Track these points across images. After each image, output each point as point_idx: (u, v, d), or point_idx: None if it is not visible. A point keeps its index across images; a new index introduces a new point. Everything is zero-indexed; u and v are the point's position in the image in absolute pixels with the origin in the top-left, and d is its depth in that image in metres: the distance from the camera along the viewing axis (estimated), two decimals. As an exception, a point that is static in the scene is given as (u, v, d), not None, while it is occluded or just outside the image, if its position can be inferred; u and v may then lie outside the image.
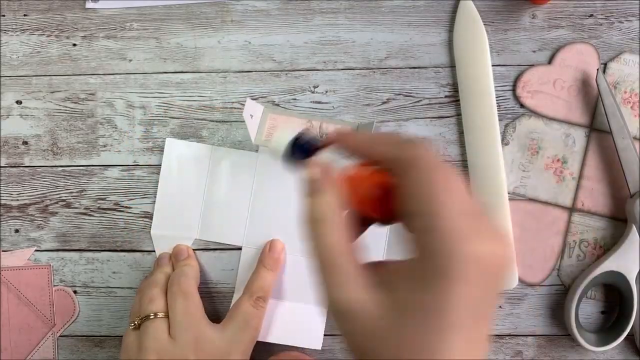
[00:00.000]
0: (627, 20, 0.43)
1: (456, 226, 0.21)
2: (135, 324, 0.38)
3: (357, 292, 0.22)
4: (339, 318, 0.22)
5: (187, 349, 0.36)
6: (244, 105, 0.44)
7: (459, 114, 0.43)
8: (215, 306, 0.43)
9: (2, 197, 0.44)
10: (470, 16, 0.43)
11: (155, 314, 0.37)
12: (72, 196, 0.44)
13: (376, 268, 0.23)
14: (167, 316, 0.37)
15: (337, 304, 0.22)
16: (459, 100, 0.43)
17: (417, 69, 0.43)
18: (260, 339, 0.41)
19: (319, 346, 0.41)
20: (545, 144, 0.43)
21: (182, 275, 0.39)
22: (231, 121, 0.44)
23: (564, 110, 0.43)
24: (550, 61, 0.43)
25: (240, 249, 0.43)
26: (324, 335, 0.42)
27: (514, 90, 0.43)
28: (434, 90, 0.43)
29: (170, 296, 0.38)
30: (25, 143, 0.44)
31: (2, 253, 0.44)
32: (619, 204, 0.42)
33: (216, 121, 0.44)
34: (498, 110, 0.42)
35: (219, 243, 0.43)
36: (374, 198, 0.24)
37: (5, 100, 0.44)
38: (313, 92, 0.44)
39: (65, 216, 0.44)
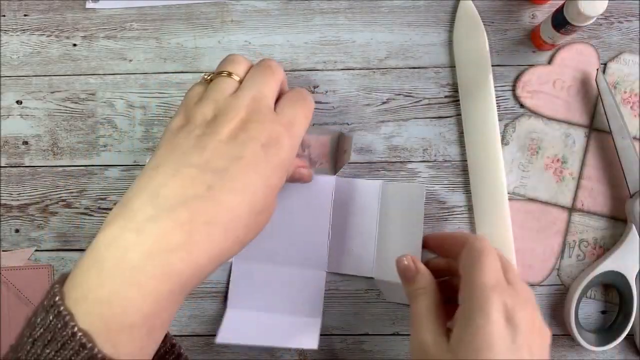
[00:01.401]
0: (626, 21, 0.43)
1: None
2: (205, 78, 0.33)
3: (435, 336, 0.31)
4: (420, 351, 0.31)
5: (242, 106, 0.31)
6: (244, 105, 0.44)
7: (459, 114, 0.43)
8: (207, 305, 0.43)
9: (2, 197, 0.44)
10: (470, 16, 0.43)
11: (230, 74, 0.32)
12: (72, 196, 0.44)
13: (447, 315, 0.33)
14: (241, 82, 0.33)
15: (422, 343, 0.31)
16: (459, 100, 0.43)
17: (417, 69, 0.43)
18: (255, 344, 0.40)
19: (315, 345, 0.41)
20: (545, 143, 0.43)
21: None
22: (231, 121, 0.44)
23: (564, 110, 0.43)
24: (550, 61, 0.43)
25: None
26: (324, 335, 0.43)
27: (513, 90, 0.43)
28: (434, 90, 0.43)
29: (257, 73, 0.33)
30: (25, 143, 0.44)
31: (2, 253, 0.44)
32: (618, 204, 0.42)
33: (216, 121, 0.44)
34: (498, 110, 0.43)
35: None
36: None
37: (5, 100, 0.45)
38: (313, 92, 0.44)
39: (66, 216, 0.44)
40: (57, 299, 0.24)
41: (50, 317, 0.24)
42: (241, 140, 0.29)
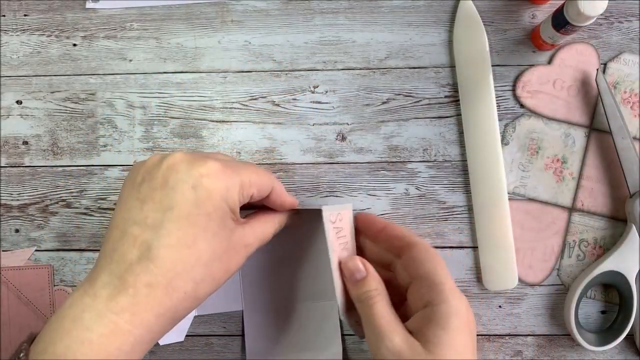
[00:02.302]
0: (626, 21, 0.43)
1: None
2: None
3: (407, 339, 0.31)
4: (394, 357, 0.30)
5: (184, 151, 0.33)
6: (244, 105, 0.44)
7: (459, 114, 0.43)
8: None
9: (2, 197, 0.44)
10: (470, 16, 0.43)
11: None
12: (72, 196, 0.44)
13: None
14: None
15: (395, 349, 0.30)
16: (459, 100, 0.43)
17: (417, 69, 0.43)
18: None
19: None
20: (545, 143, 0.43)
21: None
22: (231, 121, 0.44)
23: (564, 110, 0.43)
24: (550, 61, 0.43)
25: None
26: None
27: (513, 90, 0.43)
28: (434, 90, 0.43)
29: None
30: (25, 143, 0.44)
31: (2, 253, 0.44)
32: (618, 204, 0.42)
33: (216, 121, 0.44)
34: (498, 110, 0.43)
35: (221, 314, 0.43)
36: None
37: (5, 100, 0.45)
38: (313, 92, 0.44)
39: (66, 216, 0.44)
40: (21, 355, 0.27)
41: None
42: (172, 185, 0.29)
